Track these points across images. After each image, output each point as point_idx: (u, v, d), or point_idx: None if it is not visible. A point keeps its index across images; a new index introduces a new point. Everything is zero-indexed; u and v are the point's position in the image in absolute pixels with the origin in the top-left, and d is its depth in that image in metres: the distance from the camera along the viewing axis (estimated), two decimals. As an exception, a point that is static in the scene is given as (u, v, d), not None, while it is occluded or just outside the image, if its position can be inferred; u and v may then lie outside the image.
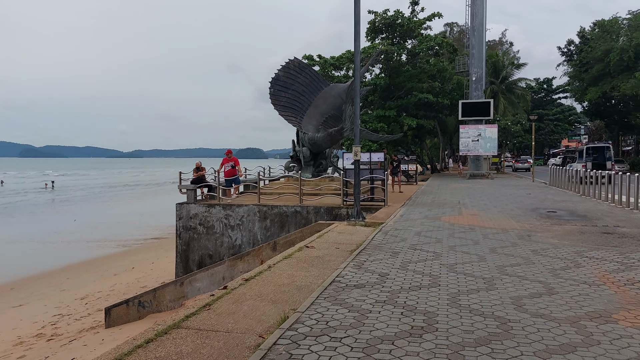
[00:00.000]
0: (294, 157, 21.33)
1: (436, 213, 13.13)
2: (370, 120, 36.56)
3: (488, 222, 11.22)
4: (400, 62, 39.64)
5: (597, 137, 67.56)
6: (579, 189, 19.77)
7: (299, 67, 22.14)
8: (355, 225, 11.27)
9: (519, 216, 12.47)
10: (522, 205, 15.12)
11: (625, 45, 42.88)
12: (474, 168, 34.93)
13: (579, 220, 11.74)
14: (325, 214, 14.84)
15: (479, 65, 34.26)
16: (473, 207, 14.85)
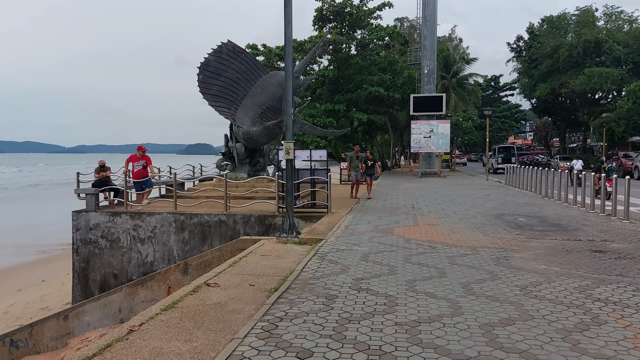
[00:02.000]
0: (227, 154, 18.65)
1: (388, 223, 10.88)
2: (318, 114, 34.25)
3: (451, 237, 9.04)
4: (350, 54, 37.55)
5: (543, 135, 68.31)
6: (538, 189, 18.19)
7: (234, 52, 19.43)
8: (287, 242, 8.82)
9: (485, 226, 10.41)
10: (484, 211, 13.16)
11: (574, 41, 42.63)
12: (426, 166, 33.32)
13: (556, 231, 9.79)
14: (256, 224, 12.32)
15: (431, 57, 32.60)
16: (430, 213, 12.74)
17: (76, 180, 13.53)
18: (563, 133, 55.13)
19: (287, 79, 9.12)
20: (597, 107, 46.86)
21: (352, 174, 16.41)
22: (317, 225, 10.51)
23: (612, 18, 44.31)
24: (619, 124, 36.87)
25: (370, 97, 35.52)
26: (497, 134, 77.69)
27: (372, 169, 16.90)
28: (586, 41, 41.56)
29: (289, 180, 8.94)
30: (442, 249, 7.90)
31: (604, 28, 43.70)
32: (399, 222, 10.94)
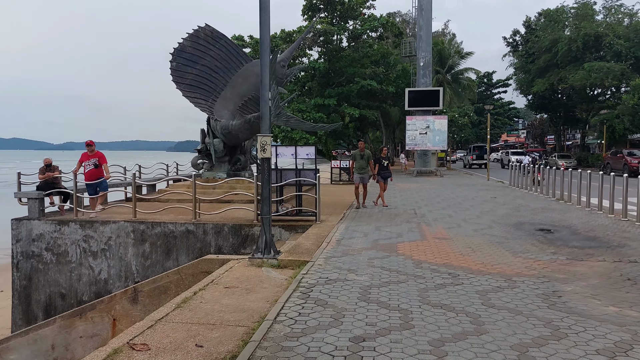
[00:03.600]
0: (204, 152, 16.60)
1: (389, 236, 8.93)
2: (308, 109, 32.21)
3: (472, 258, 7.11)
4: (341, 46, 35.55)
5: (538, 132, 66.81)
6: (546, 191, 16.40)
7: (212, 37, 17.35)
8: (262, 265, 6.84)
9: (508, 240, 8.51)
10: (498, 218, 11.26)
11: (573, 35, 40.95)
12: (422, 164, 31.45)
13: (597, 247, 7.90)
14: (230, 235, 10.31)
15: (426, 48, 30.71)
16: (436, 222, 10.81)
17: (17, 182, 11.43)
18: (560, 130, 53.57)
19: (263, 54, 7.12)
20: (596, 104, 45.26)
21: (356, 176, 13.07)
22: (302, 239, 8.52)
23: (611, 11, 42.65)
24: (622, 120, 35.26)
25: (363, 91, 33.60)
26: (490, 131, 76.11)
27: (388, 170, 13.81)
28: (586, 35, 39.86)
29: (265, 184, 6.95)
30: (467, 278, 5.95)
31: (604, 22, 42.07)
32: (402, 235, 8.99)
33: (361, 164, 12.96)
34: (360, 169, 12.99)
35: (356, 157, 13.08)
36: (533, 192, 17.68)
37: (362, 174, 13.01)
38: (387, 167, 13.88)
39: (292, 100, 31.31)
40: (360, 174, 13.01)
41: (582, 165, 41.21)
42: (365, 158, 12.97)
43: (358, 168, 12.99)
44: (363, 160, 12.96)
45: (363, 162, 12.96)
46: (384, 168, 13.68)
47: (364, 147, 13.18)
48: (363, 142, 13.43)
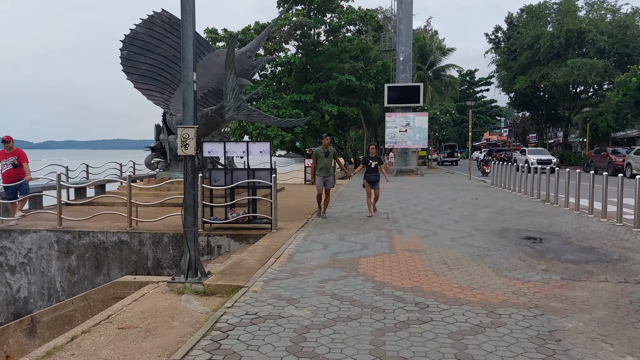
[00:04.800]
0: (158, 149, 15.08)
1: (352, 247, 7.56)
2: (284, 105, 30.76)
3: (447, 278, 5.78)
4: (319, 40, 34.18)
5: (520, 130, 66.29)
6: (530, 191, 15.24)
7: (170, 24, 15.82)
8: (183, 291, 5.43)
9: (491, 253, 7.21)
10: (479, 224, 9.99)
11: (556, 31, 40.16)
12: (402, 163, 30.22)
13: (596, 262, 6.64)
14: (170, 246, 8.86)
15: (406, 43, 29.45)
16: (409, 228, 9.50)
17: None
18: (542, 128, 52.92)
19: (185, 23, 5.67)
20: (579, 102, 44.64)
21: (319, 180, 10.65)
22: (247, 253, 7.11)
23: (594, 7, 42.04)
24: (605, 118, 34.53)
25: (341, 87, 32.28)
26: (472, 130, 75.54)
27: (376, 173, 11.07)
28: (568, 31, 39.11)
29: (188, 189, 5.52)
30: (438, 310, 4.60)
31: (586, 18, 41.40)
32: (368, 247, 7.63)
33: (325, 164, 10.63)
34: (323, 171, 10.64)
35: (318, 155, 10.65)
36: (516, 193, 16.52)
37: (325, 177, 10.66)
38: (376, 169, 11.07)
39: (257, 94, 29.77)
40: (324, 176, 10.65)
41: (565, 164, 40.46)
42: (330, 156, 10.71)
43: (322, 168, 10.64)
44: (327, 159, 10.63)
45: (327, 161, 10.64)
46: (371, 170, 11.01)
47: (328, 143, 10.78)
48: (328, 137, 10.82)
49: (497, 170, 19.89)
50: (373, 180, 11.08)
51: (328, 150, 10.80)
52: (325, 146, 10.82)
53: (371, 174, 11.06)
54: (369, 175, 11.06)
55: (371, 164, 10.97)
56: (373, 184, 11.11)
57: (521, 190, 16.42)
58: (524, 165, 17.14)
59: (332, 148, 11.02)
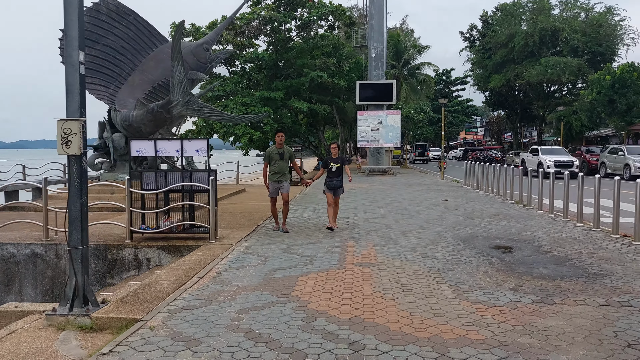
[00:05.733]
0: (102, 148, 13.83)
1: (296, 261, 6.53)
2: (253, 103, 29.59)
3: (396, 305, 4.78)
4: (290, 35, 33.11)
5: (495, 129, 66.27)
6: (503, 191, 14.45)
7: (118, 13, 14.59)
8: (65, 327, 4.31)
9: (454, 265, 6.26)
10: (446, 229, 9.07)
11: (530, 29, 39.87)
12: (374, 162, 29.36)
13: (571, 277, 5.74)
14: (92, 260, 7.69)
15: (379, 39, 28.59)
16: (368, 235, 8.51)
17: None
18: (517, 127, 52.82)
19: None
20: (553, 100, 44.53)
21: (271, 186, 8.94)
22: (166, 271, 6.00)
23: (567, 6, 41.91)
24: (579, 117, 34.26)
25: (313, 84, 31.25)
26: (448, 129, 75.42)
27: (338, 178, 9.09)
28: (542, 29, 38.88)
29: (73, 197, 4.40)
30: (376, 356, 3.58)
31: (560, 16, 41.23)
32: (314, 260, 6.60)
33: (279, 167, 8.88)
34: (278, 175, 8.92)
35: (271, 156, 8.83)
36: (489, 194, 15.73)
37: (280, 182, 8.93)
38: (339, 174, 9.10)
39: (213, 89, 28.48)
40: (278, 181, 8.92)
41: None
42: (286, 158, 8.94)
43: (276, 172, 8.89)
44: (282, 161, 8.86)
45: (282, 164, 8.88)
46: (333, 174, 9.07)
47: (283, 142, 8.95)
48: (282, 134, 9.02)
49: (470, 170, 19.11)
50: (334, 186, 9.06)
51: (283, 150, 8.93)
52: (280, 145, 8.94)
53: (332, 179, 9.07)
54: (329, 180, 9.10)
55: (332, 166, 9.04)
56: (334, 190, 9.10)
57: (494, 190, 15.63)
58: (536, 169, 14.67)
59: (289, 148, 9.17)
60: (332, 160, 9.15)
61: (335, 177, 9.10)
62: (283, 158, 8.93)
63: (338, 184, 9.13)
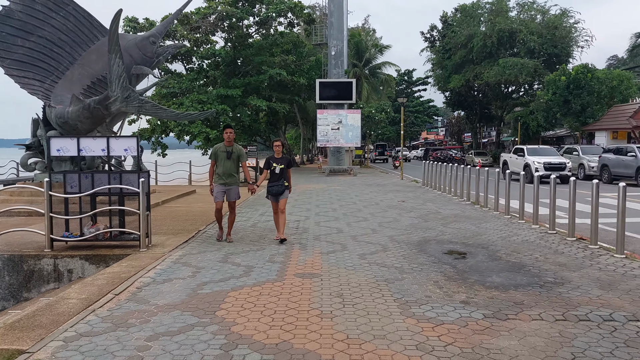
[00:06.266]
0: (36, 147, 12.79)
1: (230, 273, 5.90)
2: (209, 100, 28.62)
3: (333, 325, 4.24)
4: (249, 32, 32.29)
5: (455, 130, 67.16)
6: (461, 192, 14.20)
7: (55, 3, 13.53)
8: None
9: (403, 275, 5.78)
10: (399, 233, 8.62)
11: (488, 30, 40.35)
12: (335, 162, 28.96)
13: (525, 286, 5.35)
14: (6, 271, 6.84)
15: (338, 37, 28.20)
16: (317, 240, 7.97)
17: None
18: (476, 127, 53.54)
19: None
20: (510, 101, 45.28)
21: (217, 189, 7.86)
22: (77, 287, 5.27)
23: (524, 8, 42.61)
24: (536, 117, 34.81)
25: (273, 82, 30.54)
26: (410, 129, 76.05)
27: (280, 181, 7.94)
28: (500, 30, 39.36)
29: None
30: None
31: (517, 18, 41.90)
32: (251, 271, 5.99)
33: (227, 168, 7.80)
34: (225, 177, 7.83)
35: (218, 155, 7.80)
36: (447, 194, 15.48)
37: (226, 185, 7.85)
38: (282, 176, 7.94)
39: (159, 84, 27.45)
40: (225, 184, 7.85)
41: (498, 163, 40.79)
42: (235, 158, 7.86)
43: (223, 175, 7.82)
44: (230, 161, 7.78)
45: (230, 164, 7.80)
46: (275, 177, 7.92)
47: (232, 139, 7.85)
48: (231, 130, 7.92)
49: (428, 169, 18.88)
50: (275, 191, 7.91)
51: (232, 148, 7.82)
52: (229, 142, 7.82)
53: (274, 183, 7.90)
54: (271, 184, 7.96)
55: (275, 168, 7.87)
56: (276, 196, 7.98)
57: (451, 191, 15.38)
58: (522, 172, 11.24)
59: (239, 147, 8.04)
60: (275, 161, 7.95)
61: (277, 181, 7.93)
62: (231, 157, 7.80)
63: (280, 189, 7.94)
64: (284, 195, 8.04)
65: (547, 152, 23.14)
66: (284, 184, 7.96)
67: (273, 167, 7.92)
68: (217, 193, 7.89)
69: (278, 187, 7.94)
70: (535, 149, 23.48)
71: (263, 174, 8.18)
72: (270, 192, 8.02)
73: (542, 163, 21.08)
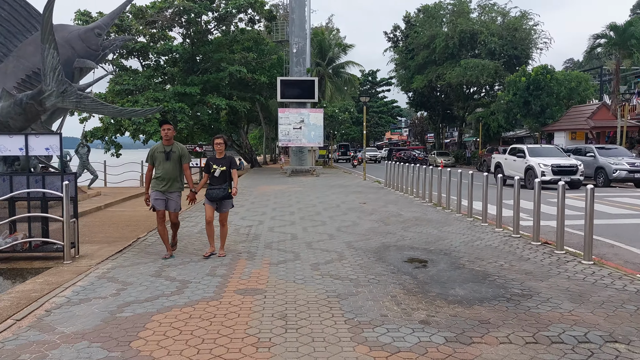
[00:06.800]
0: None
1: (160, 291, 5.16)
2: (166, 98, 27.43)
3: (270, 357, 3.56)
4: (208, 28, 31.23)
5: (419, 130, 67.57)
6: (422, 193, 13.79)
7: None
8: None
9: (358, 288, 5.18)
10: (358, 237, 8.05)
11: (450, 31, 40.56)
12: (297, 162, 28.30)
13: (490, 298, 4.84)
14: None
15: (300, 34, 27.55)
16: (267, 248, 7.30)
17: None
18: (438, 128, 53.91)
19: None
20: (472, 102, 45.72)
21: (154, 195, 6.67)
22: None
23: (485, 9, 43.08)
24: (496, 118, 35.10)
25: (234, 80, 29.59)
26: (374, 129, 76.16)
27: (221, 186, 6.70)
28: (462, 31, 39.63)
29: None
30: None
31: (479, 19, 42.31)
32: (187, 286, 5.27)
33: (165, 171, 6.58)
34: (163, 182, 6.60)
35: (155, 156, 6.63)
36: (409, 195, 15.06)
37: (167, 192, 6.63)
38: (224, 179, 6.71)
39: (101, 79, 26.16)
40: (164, 190, 6.62)
41: (460, 163, 41.06)
42: (175, 159, 6.64)
43: (158, 179, 6.61)
44: (170, 162, 6.58)
45: (170, 166, 6.60)
46: (215, 181, 6.71)
47: (171, 136, 6.66)
48: (169, 126, 6.70)
49: (391, 170, 18.45)
50: (215, 196, 6.65)
51: (171, 148, 6.65)
52: (168, 141, 6.64)
53: (214, 186, 6.68)
54: (210, 188, 6.73)
55: (215, 170, 6.64)
56: (217, 202, 6.75)
57: (413, 192, 14.97)
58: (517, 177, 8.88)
59: (181, 146, 6.85)
60: (215, 162, 6.71)
61: (218, 184, 6.66)
62: (170, 159, 6.57)
63: (222, 193, 6.63)
64: (226, 205, 6.83)
65: (550, 153, 19.71)
66: (227, 188, 6.70)
67: (213, 169, 6.68)
68: (154, 200, 6.65)
69: (219, 191, 6.67)
70: (537, 149, 20.18)
71: (203, 178, 7.02)
72: (210, 196, 6.74)
73: (550, 165, 17.74)
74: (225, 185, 6.70)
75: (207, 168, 6.80)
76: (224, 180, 6.72)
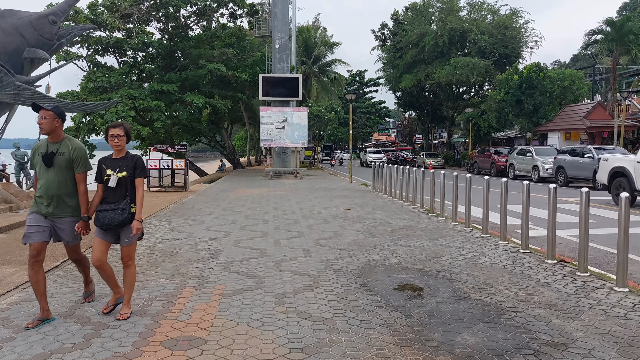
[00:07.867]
0: None
1: (59, 343, 3.75)
2: (142, 96, 25.89)
3: None
4: (187, 23, 29.76)
5: (407, 131, 66.52)
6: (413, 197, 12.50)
7: None
8: None
9: (332, 335, 3.82)
10: (339, 254, 6.70)
11: (440, 29, 39.47)
12: (280, 164, 26.90)
13: (512, 350, 3.50)
14: None
15: (283, 29, 26.17)
16: (225, 271, 5.91)
17: None
18: (427, 129, 52.83)
19: None
20: (461, 102, 44.70)
21: (30, 220, 4.18)
22: None
23: (475, 7, 42.10)
24: (487, 118, 34.04)
25: (214, 78, 28.15)
26: (362, 130, 75.05)
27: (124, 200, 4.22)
28: (451, 30, 38.58)
29: None
30: None
31: (468, 17, 41.31)
32: (100, 333, 3.87)
33: (47, 184, 4.21)
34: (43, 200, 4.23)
35: (35, 161, 4.29)
36: (398, 200, 13.76)
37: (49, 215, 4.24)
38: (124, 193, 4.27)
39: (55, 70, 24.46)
40: (44, 213, 4.23)
41: (449, 164, 39.93)
42: (60, 164, 4.25)
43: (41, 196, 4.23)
44: (54, 170, 4.23)
45: (53, 176, 4.22)
46: (111, 195, 4.27)
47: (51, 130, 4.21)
48: (46, 114, 4.18)
49: (378, 172, 17.13)
50: (109, 222, 4.19)
51: (58, 147, 4.27)
52: (54, 137, 4.30)
53: (109, 205, 4.25)
54: (101, 209, 4.24)
55: (109, 177, 4.24)
56: (108, 231, 4.28)
57: (403, 196, 13.68)
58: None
59: (76, 143, 4.36)
60: (110, 165, 4.31)
61: (116, 200, 4.26)
62: (53, 164, 4.23)
63: (119, 216, 4.19)
64: (128, 234, 4.26)
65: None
66: (127, 208, 4.21)
67: (107, 176, 4.26)
68: (28, 228, 4.17)
69: (113, 214, 4.20)
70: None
71: (97, 193, 4.35)
72: (99, 222, 4.22)
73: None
74: (125, 202, 4.23)
75: (99, 175, 4.32)
76: (124, 194, 4.27)
